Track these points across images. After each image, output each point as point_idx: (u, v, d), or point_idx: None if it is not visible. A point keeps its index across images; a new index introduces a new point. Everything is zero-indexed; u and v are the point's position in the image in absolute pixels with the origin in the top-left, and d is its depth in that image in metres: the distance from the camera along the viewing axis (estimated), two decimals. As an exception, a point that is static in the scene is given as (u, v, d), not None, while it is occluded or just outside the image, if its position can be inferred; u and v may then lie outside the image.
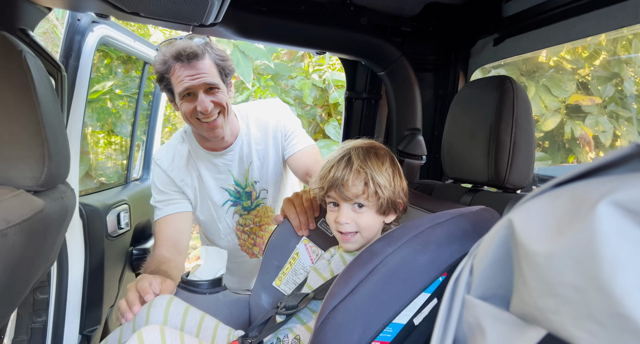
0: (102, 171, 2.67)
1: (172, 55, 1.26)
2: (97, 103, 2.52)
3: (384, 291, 0.80)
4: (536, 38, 1.15)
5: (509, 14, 1.21)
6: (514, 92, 1.00)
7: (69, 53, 1.38)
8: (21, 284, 0.76)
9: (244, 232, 1.62)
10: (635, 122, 4.29)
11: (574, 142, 4.22)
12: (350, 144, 1.01)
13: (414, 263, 0.82)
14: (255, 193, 1.58)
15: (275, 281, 1.26)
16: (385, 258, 0.82)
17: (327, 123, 4.36)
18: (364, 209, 0.97)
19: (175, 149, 1.50)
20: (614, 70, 4.19)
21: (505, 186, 1.03)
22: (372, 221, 0.99)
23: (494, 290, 0.39)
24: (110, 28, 1.56)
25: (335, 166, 0.96)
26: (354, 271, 0.83)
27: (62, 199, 0.87)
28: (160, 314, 1.02)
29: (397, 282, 0.81)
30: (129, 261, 1.87)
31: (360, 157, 0.96)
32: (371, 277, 0.81)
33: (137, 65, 2.43)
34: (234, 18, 1.21)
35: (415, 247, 0.83)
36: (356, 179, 0.94)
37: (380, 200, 0.95)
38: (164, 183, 1.48)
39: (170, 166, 1.48)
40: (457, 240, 0.85)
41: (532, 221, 0.33)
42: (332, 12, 1.32)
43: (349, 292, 0.81)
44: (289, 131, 1.54)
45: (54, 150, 0.79)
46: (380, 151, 0.99)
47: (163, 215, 1.46)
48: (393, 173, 0.98)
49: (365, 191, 0.94)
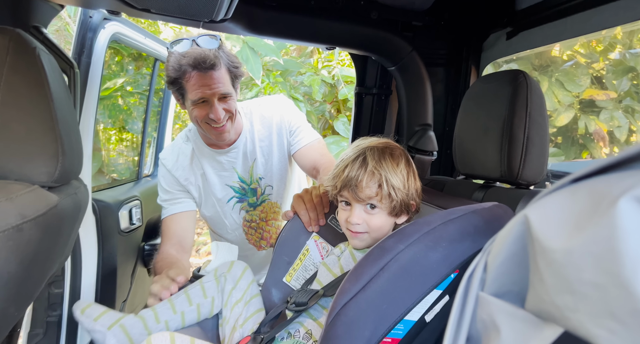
0: (114, 168, 2.70)
1: (190, 63, 1.27)
2: (109, 100, 2.55)
3: (395, 288, 0.80)
4: (551, 31, 1.13)
5: (522, 7, 1.19)
6: (528, 86, 0.99)
7: (82, 50, 1.39)
8: (37, 278, 0.78)
9: (251, 228, 1.65)
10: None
11: (588, 137, 4.15)
12: (365, 143, 1.00)
13: (425, 260, 0.81)
14: (261, 189, 1.59)
15: (286, 277, 1.26)
16: (397, 254, 0.82)
17: (337, 119, 4.35)
18: (376, 210, 0.96)
19: (179, 149, 1.54)
20: (630, 64, 4.10)
21: (518, 182, 1.02)
22: (384, 223, 0.98)
23: (508, 287, 0.38)
24: (121, 25, 1.57)
25: (350, 166, 0.95)
26: (365, 268, 0.82)
27: (76, 194, 0.88)
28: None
29: (408, 279, 0.81)
30: (141, 256, 1.89)
31: (375, 157, 0.94)
32: (382, 273, 0.81)
33: (148, 63, 2.45)
34: (244, 13, 1.21)
35: (427, 244, 0.82)
36: (370, 181, 0.93)
37: (393, 202, 0.94)
38: (169, 182, 1.52)
39: (174, 166, 1.52)
40: (470, 236, 0.84)
41: (549, 217, 0.32)
42: (342, 6, 1.31)
43: (360, 288, 0.81)
44: (294, 126, 1.55)
45: (67, 146, 0.79)
46: (395, 151, 0.98)
47: (169, 214, 1.50)
48: (408, 174, 0.97)
49: (378, 192, 0.93)
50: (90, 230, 1.48)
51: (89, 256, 1.44)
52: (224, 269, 1.16)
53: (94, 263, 1.48)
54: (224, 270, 1.15)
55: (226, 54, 1.34)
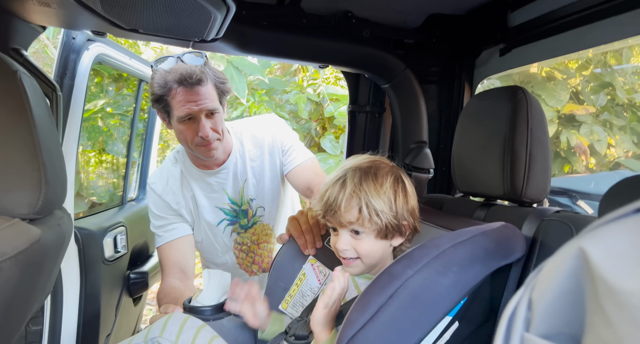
0: (93, 191, 2.63)
1: (175, 79, 1.24)
2: (88, 122, 2.49)
3: (405, 317, 0.76)
4: (545, 47, 1.13)
5: (515, 23, 1.19)
6: (527, 102, 0.98)
7: (64, 72, 1.34)
8: (16, 321, 0.71)
9: (242, 251, 1.59)
10: (629, 131, 4.32)
11: (570, 151, 4.23)
12: (349, 164, 0.95)
13: (436, 286, 0.78)
14: (252, 211, 1.54)
15: (282, 304, 1.21)
16: (406, 280, 0.78)
17: (323, 136, 4.35)
18: (361, 235, 0.91)
19: (169, 172, 1.49)
20: (606, 79, 4.23)
21: (522, 200, 0.99)
22: (372, 247, 0.92)
23: (559, 328, 0.34)
24: (106, 46, 1.53)
25: (330, 189, 0.91)
26: (372, 296, 0.78)
27: (59, 226, 0.82)
28: (175, 328, 0.96)
29: (419, 307, 0.76)
30: (126, 285, 1.81)
31: (355, 179, 0.89)
32: (392, 302, 0.76)
33: (129, 83, 2.40)
34: (235, 33, 1.18)
35: (437, 269, 0.78)
36: (349, 204, 0.88)
37: (377, 225, 0.89)
38: (161, 208, 1.46)
39: (164, 190, 1.46)
40: (480, 260, 0.80)
41: (615, 252, 0.28)
42: (334, 25, 1.30)
43: (369, 319, 0.76)
44: (287, 146, 1.51)
45: (50, 175, 0.74)
46: (381, 171, 0.92)
47: (165, 242, 1.44)
48: (395, 194, 0.91)
49: (359, 217, 0.88)
50: (73, 261, 1.40)
51: (71, 290, 1.36)
52: (156, 331, 0.95)
53: (76, 296, 1.40)
54: (155, 333, 0.95)
55: (212, 70, 1.32)
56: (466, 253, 0.80)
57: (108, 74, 2.42)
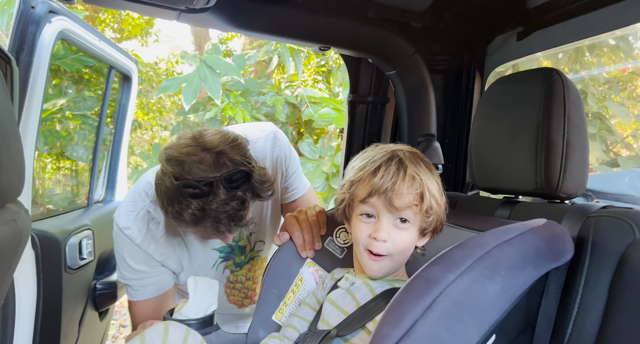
0: (49, 198, 2.45)
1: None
2: (44, 126, 2.31)
3: (448, 331, 0.64)
4: (571, 29, 1.04)
5: (536, 4, 1.10)
6: (564, 84, 0.88)
7: (21, 47, 1.15)
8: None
9: (235, 289, 1.38)
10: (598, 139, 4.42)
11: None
12: (388, 146, 0.84)
13: (483, 293, 0.65)
14: (250, 246, 1.34)
15: (276, 314, 1.09)
16: (447, 286, 0.66)
17: (302, 140, 4.24)
18: (407, 225, 0.81)
19: (146, 213, 1.16)
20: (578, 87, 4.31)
21: (557, 195, 0.89)
22: (411, 243, 0.83)
23: None
24: (71, 21, 1.34)
25: (383, 168, 0.78)
26: (407, 305, 0.65)
27: (15, 221, 0.65)
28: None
29: (463, 318, 0.64)
30: (92, 297, 1.62)
31: (412, 161, 0.80)
32: (431, 312, 0.65)
33: (90, 86, 2.23)
34: (228, 4, 1.04)
35: (482, 273, 0.66)
36: (411, 187, 0.78)
37: (430, 217, 0.81)
38: (139, 260, 1.17)
39: (145, 239, 1.15)
40: (532, 262, 0.69)
41: None
42: (337, 2, 1.17)
43: (404, 333, 0.65)
44: (291, 171, 1.32)
45: (4, 157, 0.58)
46: (425, 158, 0.84)
47: (140, 299, 1.19)
48: (439, 186, 0.84)
49: (417, 203, 0.78)
50: (29, 268, 1.21)
51: (25, 302, 1.18)
52: (157, 339, 0.85)
53: (32, 309, 1.21)
54: (156, 340, 0.85)
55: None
56: (515, 254, 0.69)
57: (70, 70, 2.19)
